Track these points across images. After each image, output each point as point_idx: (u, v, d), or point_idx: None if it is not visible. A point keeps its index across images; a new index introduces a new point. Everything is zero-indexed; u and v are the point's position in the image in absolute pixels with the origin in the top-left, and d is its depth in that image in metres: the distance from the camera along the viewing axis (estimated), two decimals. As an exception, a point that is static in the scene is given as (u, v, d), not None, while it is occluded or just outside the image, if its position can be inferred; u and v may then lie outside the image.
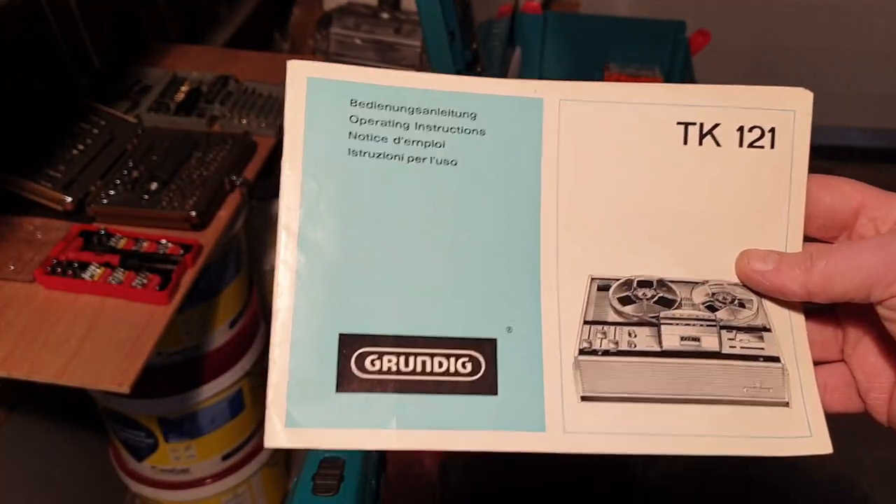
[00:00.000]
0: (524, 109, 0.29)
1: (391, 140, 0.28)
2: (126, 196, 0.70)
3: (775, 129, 0.29)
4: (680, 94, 0.29)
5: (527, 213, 0.28)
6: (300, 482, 0.35)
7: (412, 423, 0.26)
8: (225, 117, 0.83)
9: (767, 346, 0.28)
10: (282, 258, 0.27)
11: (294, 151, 0.27)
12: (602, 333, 0.28)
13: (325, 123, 0.28)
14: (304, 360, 0.26)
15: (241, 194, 0.75)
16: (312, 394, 0.26)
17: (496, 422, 0.26)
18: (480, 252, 0.28)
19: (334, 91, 0.28)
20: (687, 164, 0.29)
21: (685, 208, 0.29)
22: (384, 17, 1.16)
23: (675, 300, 0.29)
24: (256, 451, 0.97)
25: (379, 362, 0.26)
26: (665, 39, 1.08)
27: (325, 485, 0.35)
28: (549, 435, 0.26)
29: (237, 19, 1.21)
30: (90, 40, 0.88)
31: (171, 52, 0.98)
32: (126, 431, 0.87)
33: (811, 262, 0.27)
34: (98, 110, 0.79)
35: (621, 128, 0.29)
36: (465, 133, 0.28)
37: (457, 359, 0.27)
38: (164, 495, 0.92)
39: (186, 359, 0.83)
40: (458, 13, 0.74)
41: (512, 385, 0.27)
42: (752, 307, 0.29)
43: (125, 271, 0.63)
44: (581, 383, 0.27)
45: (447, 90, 0.29)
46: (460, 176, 0.28)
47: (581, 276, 0.28)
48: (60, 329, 0.60)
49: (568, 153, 0.29)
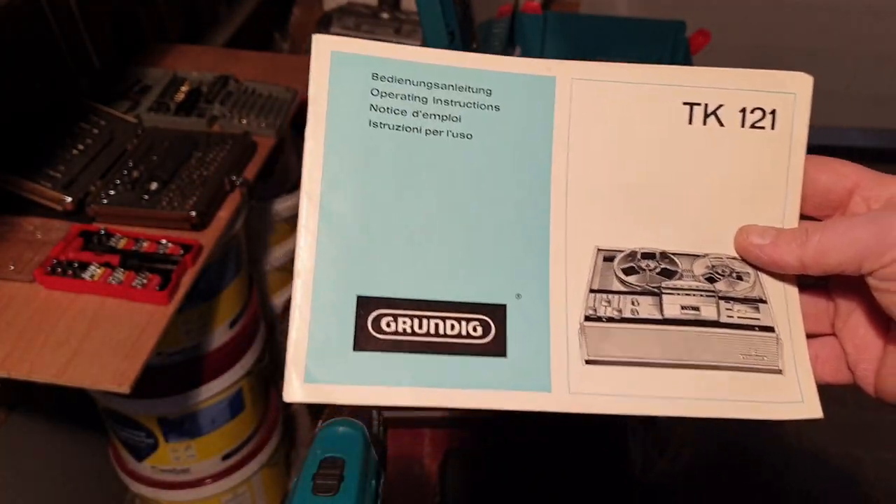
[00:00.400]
0: (537, 87, 0.30)
1: (410, 113, 0.29)
2: (126, 196, 0.70)
3: (776, 111, 0.30)
4: (687, 76, 0.31)
5: (538, 186, 0.30)
6: (300, 482, 0.35)
7: (425, 382, 0.27)
8: (225, 117, 0.83)
9: (763, 316, 0.30)
10: (303, 223, 0.28)
11: (318, 122, 0.28)
12: (606, 301, 0.29)
13: (347, 95, 0.29)
14: (323, 320, 0.27)
15: (241, 194, 0.75)
16: (330, 352, 0.27)
17: (505, 382, 0.28)
18: (493, 222, 0.29)
19: (357, 64, 0.29)
20: (691, 142, 0.30)
21: (688, 185, 0.30)
22: (384, 17, 1.16)
23: (676, 271, 0.30)
24: (256, 452, 0.97)
25: (394, 324, 0.28)
26: (665, 39, 1.08)
27: (325, 485, 0.35)
28: (554, 395, 0.28)
29: (237, 19, 1.21)
30: (90, 40, 0.88)
31: (171, 52, 0.98)
32: (126, 431, 0.87)
33: (806, 236, 0.28)
34: (98, 110, 0.79)
35: (629, 106, 0.30)
36: (480, 108, 0.30)
37: (468, 322, 0.28)
38: (164, 495, 0.92)
39: (186, 359, 0.83)
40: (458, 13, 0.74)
41: (520, 348, 0.28)
42: (750, 280, 0.30)
43: (125, 271, 0.63)
44: (586, 347, 0.29)
45: (464, 67, 0.30)
46: (475, 149, 0.29)
47: (588, 247, 0.30)
48: (60, 329, 0.60)
49: (578, 129, 0.30)
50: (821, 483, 1.31)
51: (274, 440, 1.00)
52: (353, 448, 0.37)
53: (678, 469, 1.21)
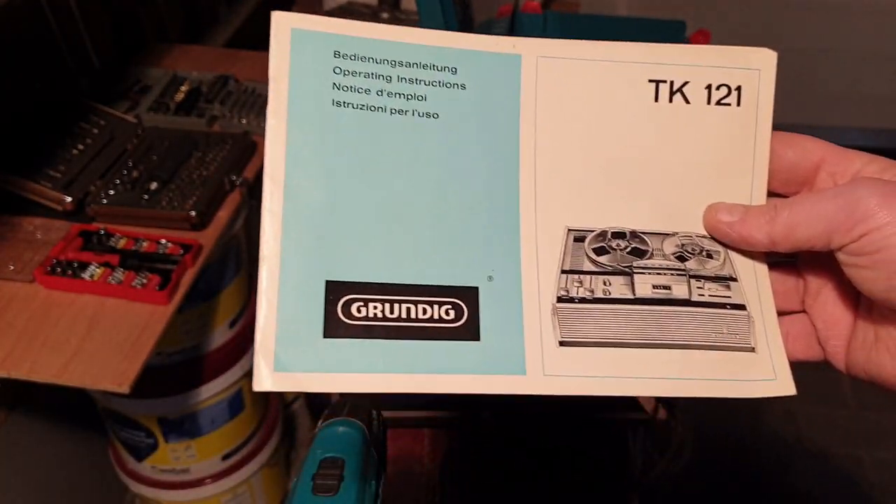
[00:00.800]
0: (503, 65, 0.30)
1: (374, 92, 0.28)
2: (126, 196, 0.70)
3: (741, 88, 0.30)
4: (652, 53, 0.30)
5: (506, 166, 0.29)
6: (300, 482, 0.35)
7: (398, 368, 0.26)
8: (225, 117, 0.83)
9: (734, 294, 0.30)
10: (267, 207, 0.27)
11: (279, 101, 0.28)
12: (578, 282, 0.29)
13: (309, 74, 0.28)
14: (291, 306, 0.26)
15: (241, 194, 0.75)
16: (300, 339, 0.26)
17: (479, 366, 0.27)
18: (462, 203, 0.29)
19: (318, 42, 0.28)
20: (658, 120, 0.30)
21: (656, 163, 0.30)
22: (384, 17, 1.16)
23: (647, 251, 0.30)
24: (256, 451, 0.97)
25: (365, 309, 0.27)
26: (665, 39, 1.07)
27: (325, 485, 0.35)
28: (529, 378, 0.27)
29: (237, 19, 1.21)
30: (90, 40, 0.88)
31: (171, 52, 0.98)
32: (126, 431, 0.87)
33: (775, 212, 0.28)
34: (98, 110, 0.79)
35: (596, 84, 0.30)
36: (445, 87, 0.29)
37: (440, 306, 0.28)
38: (164, 495, 0.92)
39: (186, 359, 0.83)
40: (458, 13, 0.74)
41: (493, 331, 0.28)
42: (720, 258, 0.30)
43: (125, 271, 0.63)
44: (559, 329, 0.28)
45: (429, 45, 0.29)
46: (441, 128, 0.29)
47: (558, 227, 0.29)
48: (60, 329, 0.60)
49: (545, 108, 0.30)
50: (821, 483, 1.31)
51: (274, 440, 1.00)
52: (353, 448, 0.37)
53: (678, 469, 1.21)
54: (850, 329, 0.30)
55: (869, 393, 1.09)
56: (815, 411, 1.34)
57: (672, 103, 0.30)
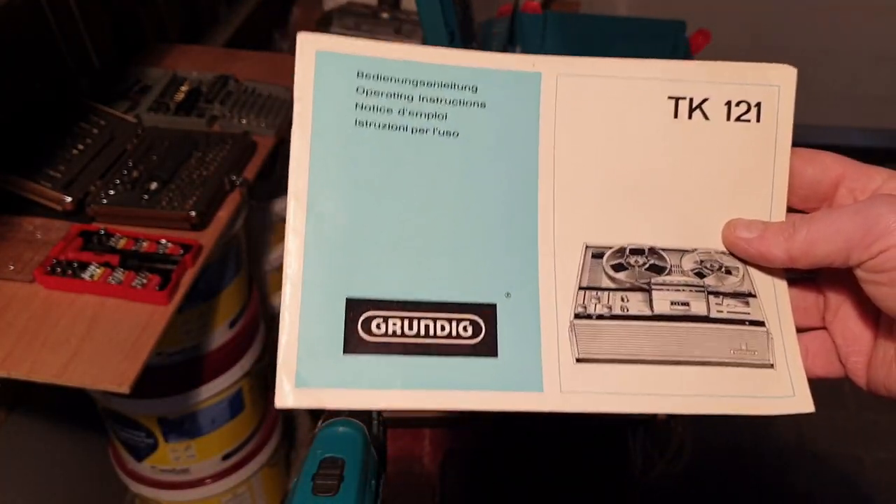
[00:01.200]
0: (523, 83, 0.30)
1: (396, 112, 0.29)
2: (126, 196, 0.70)
3: (761, 104, 0.30)
4: (671, 70, 0.30)
5: (525, 184, 0.30)
6: (300, 482, 0.35)
7: (416, 384, 0.27)
8: (225, 117, 0.83)
9: (753, 311, 0.30)
10: (291, 225, 0.28)
11: (303, 121, 0.28)
12: (596, 298, 0.29)
13: (333, 95, 0.28)
14: (312, 324, 0.27)
15: (241, 194, 0.75)
16: (321, 355, 0.27)
17: (496, 382, 0.27)
18: (481, 221, 0.29)
19: (342, 64, 0.29)
20: (677, 136, 0.30)
21: (675, 179, 0.30)
22: (384, 17, 1.16)
23: (665, 267, 0.30)
24: (256, 451, 0.97)
25: (384, 325, 0.27)
26: (665, 39, 1.08)
27: (325, 485, 0.35)
28: (546, 395, 0.28)
29: (237, 19, 1.21)
30: (90, 40, 0.88)
31: (171, 52, 0.98)
32: (126, 431, 0.87)
33: (794, 229, 0.28)
34: (98, 110, 0.79)
35: (615, 101, 0.30)
36: (466, 105, 0.29)
37: (458, 322, 0.28)
38: (164, 495, 0.92)
39: (186, 359, 0.83)
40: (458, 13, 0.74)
41: (511, 348, 0.28)
42: (738, 274, 0.30)
43: (125, 271, 0.63)
44: (576, 346, 0.28)
45: (450, 64, 0.29)
46: (462, 147, 0.29)
47: (576, 244, 0.30)
48: (60, 329, 0.60)
49: (564, 125, 0.30)
50: (821, 483, 1.31)
51: (274, 440, 1.00)
52: (353, 448, 0.37)
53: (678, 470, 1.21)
54: (870, 345, 0.30)
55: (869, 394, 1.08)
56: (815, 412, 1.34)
57: (691, 120, 0.30)
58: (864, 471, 1.32)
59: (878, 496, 1.29)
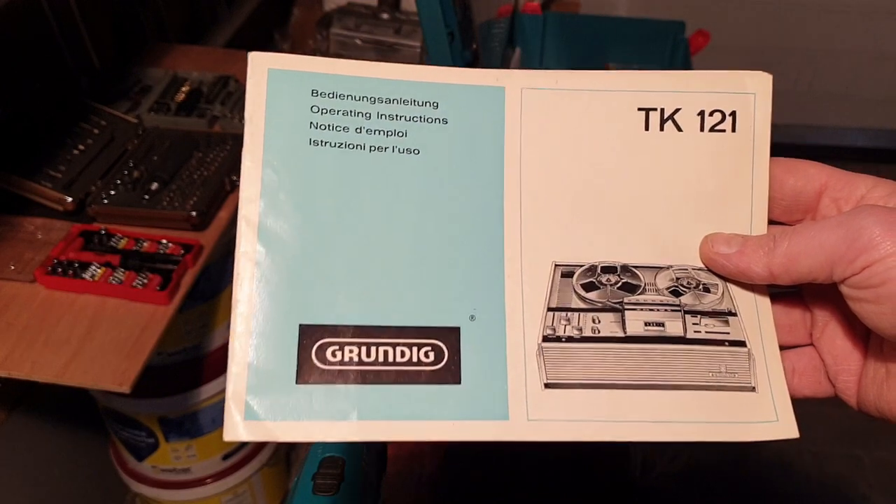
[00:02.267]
0: (486, 98, 0.29)
1: (353, 130, 0.28)
2: (127, 196, 0.71)
3: (736, 113, 0.29)
4: (639, 81, 0.29)
5: (490, 202, 0.28)
6: (300, 482, 0.36)
7: (374, 415, 0.25)
8: (225, 117, 0.84)
9: (733, 330, 0.28)
10: (242, 249, 0.27)
11: (254, 142, 0.27)
12: (566, 320, 0.28)
13: (285, 114, 0.28)
14: (263, 352, 0.26)
15: (242, 194, 0.75)
16: (272, 386, 0.25)
17: (460, 411, 0.26)
18: (443, 241, 0.28)
19: (295, 82, 0.28)
20: (649, 149, 0.29)
21: (648, 194, 0.29)
22: (384, 18, 1.16)
23: (639, 285, 0.28)
24: (257, 451, 0.97)
25: (340, 353, 0.26)
26: (665, 39, 1.08)
27: (325, 484, 0.35)
28: (512, 423, 0.26)
29: (237, 19, 1.21)
30: (90, 40, 0.88)
31: (171, 52, 0.98)
32: (126, 431, 0.87)
33: (774, 243, 0.27)
34: (98, 110, 0.79)
35: (583, 115, 0.29)
36: (427, 122, 0.28)
37: (419, 348, 0.27)
38: (165, 495, 0.93)
39: (187, 359, 0.83)
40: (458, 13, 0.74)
41: (475, 374, 0.27)
42: (717, 291, 0.29)
43: (126, 271, 0.64)
44: (544, 370, 0.27)
45: (409, 80, 0.29)
46: (423, 165, 0.28)
47: (545, 263, 0.28)
48: (61, 329, 0.60)
49: (530, 140, 0.29)
50: (820, 483, 1.31)
51: (274, 440, 1.00)
52: (353, 448, 0.37)
53: (676, 471, 1.21)
54: (860, 364, 0.28)
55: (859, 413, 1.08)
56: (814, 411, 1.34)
57: (663, 131, 0.29)
58: (864, 471, 1.32)
59: (878, 496, 1.29)
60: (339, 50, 1.16)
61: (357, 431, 0.25)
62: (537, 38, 1.10)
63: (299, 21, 1.30)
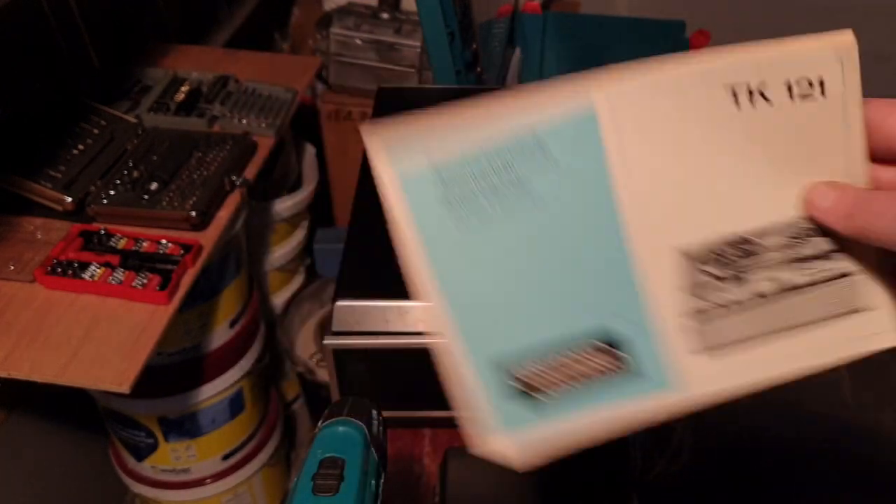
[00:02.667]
0: (582, 123, 0.30)
1: (480, 192, 0.30)
2: (126, 196, 0.70)
3: (823, 77, 0.30)
4: (721, 58, 0.30)
5: (606, 211, 0.31)
6: (300, 482, 0.36)
7: (565, 415, 0.31)
8: (225, 117, 0.84)
9: (842, 265, 0.32)
10: (433, 313, 0.30)
11: (406, 223, 0.29)
12: (697, 296, 0.32)
13: (417, 186, 0.29)
14: (472, 384, 0.30)
15: (241, 194, 0.75)
16: (492, 411, 0.31)
17: (632, 392, 0.31)
18: (576, 258, 0.31)
19: (415, 153, 0.29)
20: (744, 125, 0.30)
21: (750, 166, 0.31)
22: (384, 17, 1.16)
23: (755, 251, 0.32)
24: (257, 451, 0.97)
25: (528, 369, 0.31)
26: (665, 39, 1.08)
27: (325, 485, 0.35)
28: (679, 393, 0.31)
29: (237, 19, 1.21)
30: (90, 40, 0.88)
31: (171, 52, 0.98)
32: (126, 431, 0.87)
33: (869, 198, 0.29)
34: (98, 110, 0.79)
35: (673, 104, 0.30)
36: (540, 168, 0.30)
37: (587, 352, 0.31)
38: (165, 495, 0.92)
39: (186, 359, 0.83)
40: (458, 13, 0.74)
41: (637, 360, 0.31)
42: (823, 237, 0.32)
43: (125, 271, 0.63)
44: (691, 342, 0.31)
45: (511, 125, 0.29)
46: (545, 207, 0.30)
47: (669, 254, 0.31)
48: (60, 329, 0.60)
49: (630, 144, 0.30)
50: (820, 483, 1.31)
51: (274, 440, 1.00)
52: (353, 448, 0.37)
53: (677, 469, 1.21)
54: None
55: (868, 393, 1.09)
56: (814, 411, 1.34)
57: (754, 106, 0.30)
58: (864, 469, 1.32)
59: (878, 495, 1.29)
60: (339, 50, 1.16)
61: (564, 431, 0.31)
62: (537, 38, 1.10)
63: (299, 21, 1.30)
